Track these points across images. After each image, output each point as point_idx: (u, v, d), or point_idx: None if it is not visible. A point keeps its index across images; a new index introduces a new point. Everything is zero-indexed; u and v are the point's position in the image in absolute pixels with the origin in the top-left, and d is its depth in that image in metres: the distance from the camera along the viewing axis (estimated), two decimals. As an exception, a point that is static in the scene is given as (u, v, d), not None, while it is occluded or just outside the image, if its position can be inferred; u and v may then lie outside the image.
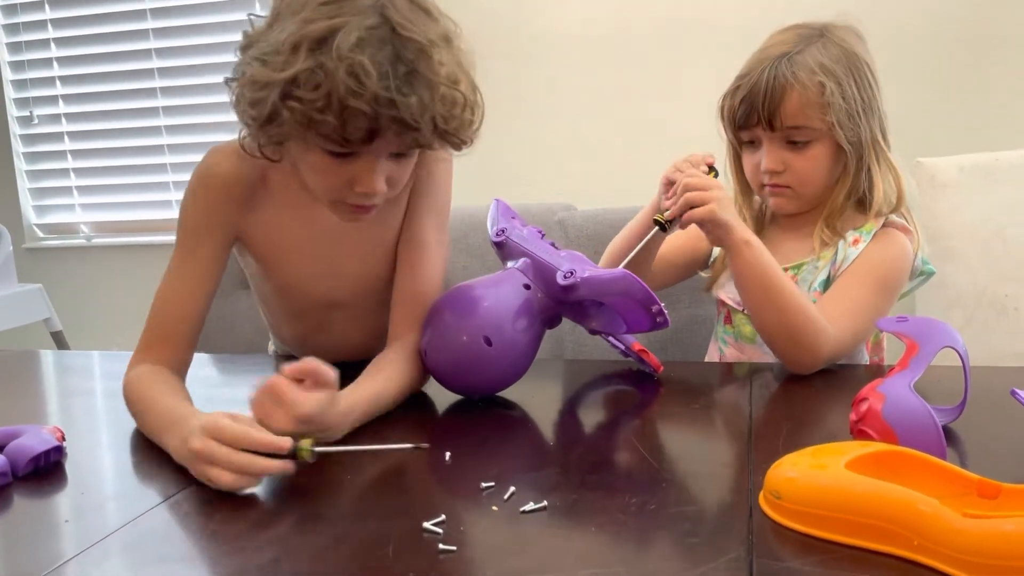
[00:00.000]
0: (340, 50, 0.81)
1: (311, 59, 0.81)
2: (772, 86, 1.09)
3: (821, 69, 1.09)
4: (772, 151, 1.13)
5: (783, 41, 1.13)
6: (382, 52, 0.82)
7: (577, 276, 0.93)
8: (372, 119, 0.83)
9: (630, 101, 2.09)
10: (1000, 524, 0.54)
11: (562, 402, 1.03)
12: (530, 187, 2.15)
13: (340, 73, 0.80)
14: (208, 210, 1.01)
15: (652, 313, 0.93)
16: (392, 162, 0.92)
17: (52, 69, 2.62)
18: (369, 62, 0.81)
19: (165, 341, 1.00)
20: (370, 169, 0.90)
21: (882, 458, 0.65)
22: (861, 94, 1.11)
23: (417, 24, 0.85)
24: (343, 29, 0.81)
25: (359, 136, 0.85)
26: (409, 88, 0.83)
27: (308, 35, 0.82)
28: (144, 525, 0.70)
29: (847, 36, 1.14)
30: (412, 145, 0.90)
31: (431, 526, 0.65)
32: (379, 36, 0.83)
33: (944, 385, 0.87)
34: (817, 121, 1.10)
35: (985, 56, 1.87)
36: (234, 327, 1.77)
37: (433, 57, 0.85)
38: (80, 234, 2.73)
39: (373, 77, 0.81)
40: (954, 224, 1.75)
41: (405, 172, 0.96)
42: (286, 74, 0.82)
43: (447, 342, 0.94)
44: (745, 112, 1.12)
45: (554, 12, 2.11)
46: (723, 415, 0.95)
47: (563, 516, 0.67)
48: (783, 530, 0.63)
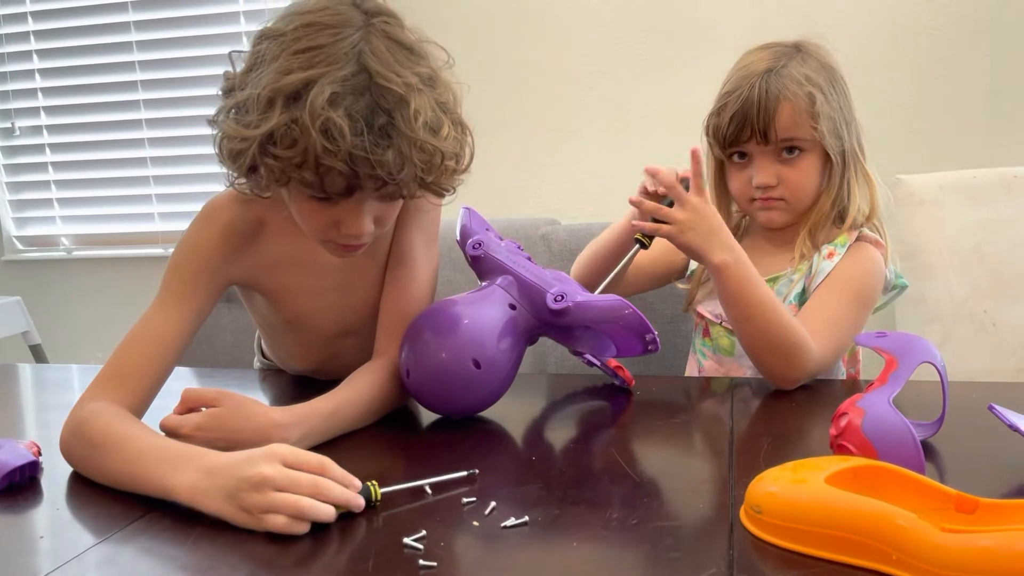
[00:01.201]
0: (314, 106, 0.79)
1: (286, 114, 0.80)
2: (765, 99, 1.11)
3: (808, 80, 1.11)
4: (764, 165, 1.14)
5: (762, 58, 1.15)
6: (358, 104, 0.80)
7: (568, 300, 0.92)
8: (349, 176, 0.82)
9: (614, 116, 2.10)
10: (977, 539, 0.54)
11: (544, 417, 1.03)
12: (513, 202, 2.16)
13: (314, 130, 0.79)
14: (205, 261, 0.98)
15: (645, 341, 0.93)
16: (379, 203, 0.91)
17: (34, 81, 2.61)
18: (344, 118, 0.79)
19: (127, 382, 0.92)
20: (355, 212, 0.89)
21: (861, 473, 0.66)
22: (842, 105, 1.14)
23: (397, 69, 0.83)
24: (318, 82, 0.80)
25: (337, 190, 0.85)
26: (387, 142, 0.81)
27: (282, 89, 0.81)
28: (120, 542, 0.70)
29: (820, 50, 1.17)
30: (394, 196, 0.89)
31: (411, 541, 0.65)
32: (355, 87, 0.81)
33: (923, 400, 0.88)
34: (808, 132, 1.12)
35: (964, 75, 1.89)
36: (216, 340, 1.76)
37: (412, 105, 0.82)
38: (61, 246, 2.71)
39: (347, 135, 0.79)
40: (933, 240, 1.77)
41: (393, 211, 0.95)
42: (261, 131, 0.81)
43: (431, 363, 0.92)
44: (737, 128, 1.13)
45: (536, 30, 2.12)
46: (704, 430, 0.96)
47: (544, 531, 0.67)
48: (764, 545, 0.63)
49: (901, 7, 1.90)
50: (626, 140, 2.08)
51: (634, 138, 2.07)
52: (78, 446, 0.85)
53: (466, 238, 1.01)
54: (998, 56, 1.87)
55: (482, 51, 2.14)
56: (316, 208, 0.89)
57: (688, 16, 2.02)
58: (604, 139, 2.11)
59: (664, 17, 2.04)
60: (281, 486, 0.68)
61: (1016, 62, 1.87)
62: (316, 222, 0.91)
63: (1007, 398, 0.81)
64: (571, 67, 2.11)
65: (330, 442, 0.89)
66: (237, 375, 1.35)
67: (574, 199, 2.14)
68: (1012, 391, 1.11)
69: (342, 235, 0.91)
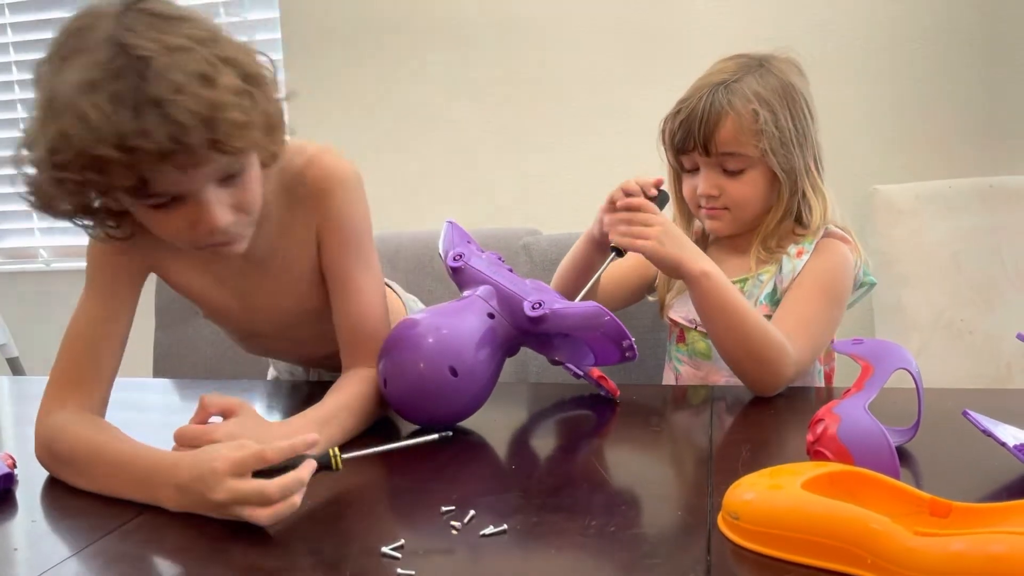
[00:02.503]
0: (63, 101, 0.74)
1: (49, 122, 0.75)
2: (708, 112, 1.12)
3: (756, 98, 1.12)
4: (708, 176, 1.16)
5: (723, 69, 1.17)
6: (117, 83, 0.73)
7: (546, 308, 0.93)
8: (129, 161, 0.74)
9: (594, 125, 2.11)
10: (950, 542, 0.55)
11: (523, 426, 1.03)
12: (495, 212, 2.16)
13: (79, 130, 0.73)
14: (119, 254, 0.96)
15: (622, 348, 0.93)
16: (225, 189, 0.83)
17: (12, 92, 2.59)
18: (94, 104, 0.73)
19: (83, 383, 0.93)
20: (202, 206, 0.82)
21: (837, 478, 0.66)
22: (795, 124, 1.14)
23: (155, 35, 0.75)
24: (67, 74, 0.74)
25: (131, 184, 0.77)
26: (155, 115, 0.73)
27: (42, 98, 0.77)
28: (97, 553, 0.69)
29: (786, 68, 1.18)
30: (194, 164, 0.78)
31: (389, 550, 0.65)
32: (106, 69, 0.74)
33: (898, 407, 0.88)
34: (750, 148, 1.13)
35: (940, 87, 1.92)
36: (195, 352, 1.76)
37: (174, 63, 0.74)
38: (39, 259, 2.69)
39: (109, 118, 0.72)
40: (911, 250, 1.79)
41: (249, 192, 0.86)
42: (37, 153, 0.76)
43: (409, 372, 0.91)
44: (683, 137, 1.15)
45: (517, 41, 2.13)
46: (683, 437, 0.96)
47: (523, 539, 0.67)
48: (741, 551, 0.63)
49: (879, 19, 1.93)
50: (606, 149, 2.09)
51: (614, 147, 2.08)
52: (53, 464, 0.87)
53: (447, 251, 1.02)
54: (974, 68, 1.90)
55: (463, 62, 2.15)
56: (160, 217, 0.83)
57: (669, 25, 2.04)
58: (584, 148, 2.12)
59: (644, 27, 2.06)
60: (238, 505, 0.70)
61: (991, 74, 1.89)
62: (171, 230, 0.85)
63: (981, 404, 0.82)
64: (551, 77, 2.12)
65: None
66: (216, 386, 1.34)
67: (555, 208, 2.15)
68: (986, 397, 1.12)
69: (205, 234, 0.84)
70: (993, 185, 1.79)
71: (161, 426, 1.12)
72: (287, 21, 2.29)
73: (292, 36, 2.28)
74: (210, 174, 0.81)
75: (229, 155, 0.79)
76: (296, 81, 2.30)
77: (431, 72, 2.09)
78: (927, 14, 1.91)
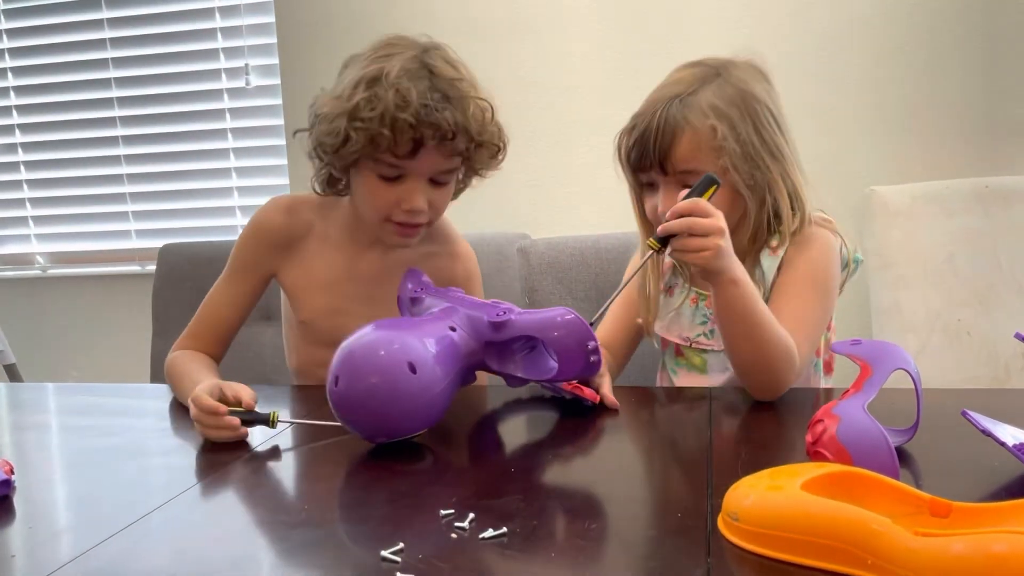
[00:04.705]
0: (388, 80, 1.06)
1: (368, 91, 1.07)
2: (663, 129, 1.07)
3: (714, 111, 1.06)
4: (668, 195, 1.09)
5: (679, 80, 1.11)
6: (421, 83, 1.07)
7: (510, 314, 0.93)
8: (415, 129, 1.06)
9: (584, 131, 2.11)
10: (951, 542, 0.55)
11: (522, 428, 1.03)
12: (482, 216, 2.16)
13: (389, 96, 1.05)
14: (253, 253, 1.25)
15: (587, 351, 0.91)
16: (432, 188, 1.13)
17: (9, 98, 2.59)
18: (411, 87, 1.06)
19: (204, 336, 1.24)
20: (414, 189, 1.12)
21: (837, 479, 0.66)
22: (759, 135, 1.08)
23: (448, 68, 1.10)
24: (390, 66, 1.07)
25: (407, 148, 1.07)
26: (444, 105, 1.07)
27: (365, 76, 1.08)
28: (94, 559, 0.69)
29: (746, 75, 1.11)
30: (451, 154, 1.10)
31: (389, 554, 0.65)
32: (417, 73, 1.08)
33: (898, 407, 0.88)
34: (710, 164, 1.06)
35: (936, 87, 1.92)
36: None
37: (462, 87, 1.09)
38: (36, 265, 2.69)
39: (414, 97, 1.05)
40: (907, 251, 1.79)
41: (444, 197, 1.16)
42: (351, 103, 1.07)
43: (365, 365, 0.85)
44: (638, 154, 1.10)
45: (511, 45, 2.13)
46: (682, 439, 0.96)
47: (523, 542, 0.67)
48: (741, 552, 0.63)
49: (876, 21, 1.93)
50: (595, 155, 2.09)
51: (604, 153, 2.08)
52: (168, 379, 1.20)
53: (405, 291, 1.06)
54: (970, 69, 1.91)
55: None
56: (381, 187, 1.12)
57: (662, 32, 2.04)
58: (573, 154, 2.12)
59: (637, 31, 2.06)
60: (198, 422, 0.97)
61: (987, 75, 1.90)
62: (379, 200, 1.13)
63: (980, 404, 0.82)
64: (544, 81, 2.12)
65: (305, 453, 0.88)
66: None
67: (544, 214, 2.15)
68: (985, 397, 1.12)
69: (402, 212, 1.12)
70: (989, 186, 1.80)
71: (158, 432, 1.12)
72: (283, 25, 2.29)
73: (288, 40, 2.28)
74: (440, 168, 1.12)
75: (471, 161, 1.14)
76: (292, 85, 2.30)
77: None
78: (924, 16, 1.91)
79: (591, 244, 1.57)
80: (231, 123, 2.44)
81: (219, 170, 2.48)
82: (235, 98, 2.41)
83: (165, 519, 0.76)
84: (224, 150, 2.46)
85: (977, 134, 1.92)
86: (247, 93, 2.38)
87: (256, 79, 2.36)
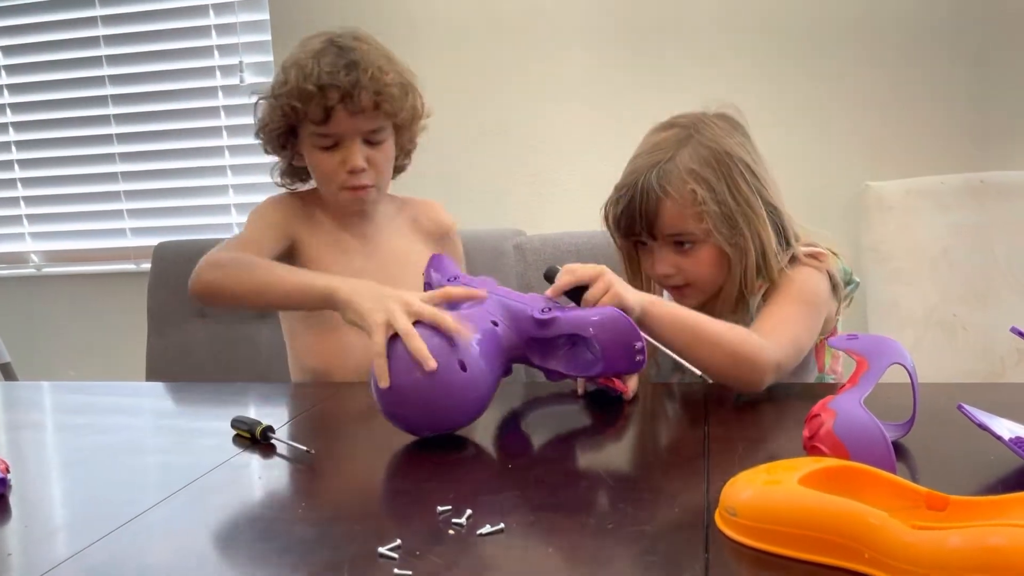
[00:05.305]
0: (297, 61, 1.26)
1: (283, 75, 1.27)
2: (647, 199, 1.10)
3: (692, 176, 1.09)
4: (662, 257, 1.14)
5: (656, 145, 1.13)
6: (326, 57, 1.24)
7: (556, 311, 0.92)
8: (323, 95, 1.22)
9: (579, 127, 2.11)
10: (948, 536, 0.55)
11: (519, 424, 1.03)
12: (475, 212, 2.16)
13: (293, 73, 1.24)
14: (274, 214, 1.33)
15: (634, 350, 0.92)
16: (369, 148, 1.28)
17: (3, 96, 2.58)
18: (314, 60, 1.23)
19: (248, 247, 1.26)
20: (350, 149, 1.26)
21: (834, 473, 0.66)
22: (734, 196, 1.10)
23: (353, 42, 1.26)
24: (301, 50, 1.27)
25: (319, 115, 1.23)
26: (346, 71, 1.22)
27: (283, 65, 1.28)
28: (91, 557, 0.68)
29: (719, 131, 1.13)
30: (362, 111, 1.23)
31: (386, 551, 0.64)
32: (324, 49, 1.25)
33: (894, 401, 0.88)
34: (695, 227, 1.10)
35: (931, 82, 1.93)
36: (188, 356, 1.75)
37: (364, 52, 1.25)
38: (30, 263, 2.68)
39: (316, 68, 1.22)
40: (903, 246, 1.79)
41: (383, 156, 1.30)
42: (269, 90, 1.28)
43: (415, 367, 0.86)
44: (627, 224, 1.14)
45: (504, 42, 2.13)
46: (679, 433, 0.96)
47: (520, 538, 0.67)
48: (739, 547, 0.63)
49: (870, 16, 1.93)
50: (590, 151, 2.09)
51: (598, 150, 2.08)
52: (212, 269, 1.20)
53: (435, 277, 1.03)
54: (965, 64, 1.91)
55: (449, 63, 2.14)
56: (323, 156, 1.28)
57: (660, 29, 2.04)
58: (568, 150, 2.12)
59: (632, 30, 2.06)
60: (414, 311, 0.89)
61: (982, 70, 1.90)
62: (326, 167, 1.28)
63: (976, 398, 0.82)
64: (537, 78, 2.12)
65: (301, 451, 0.88)
66: (210, 389, 1.34)
67: (538, 210, 2.14)
68: (980, 391, 1.12)
69: (347, 173, 1.27)
70: (984, 181, 1.80)
71: (154, 430, 1.12)
72: (277, 24, 2.28)
73: (282, 38, 2.27)
74: (363, 128, 1.26)
75: (382, 113, 1.25)
76: (287, 83, 2.29)
77: (418, 72, 2.09)
78: (918, 11, 1.91)
79: (586, 240, 1.57)
80: (226, 120, 2.43)
81: (214, 168, 2.47)
82: (230, 96, 2.40)
83: (161, 517, 0.75)
84: (219, 148, 2.45)
85: (972, 129, 1.92)
86: (242, 90, 2.38)
87: (250, 76, 2.35)
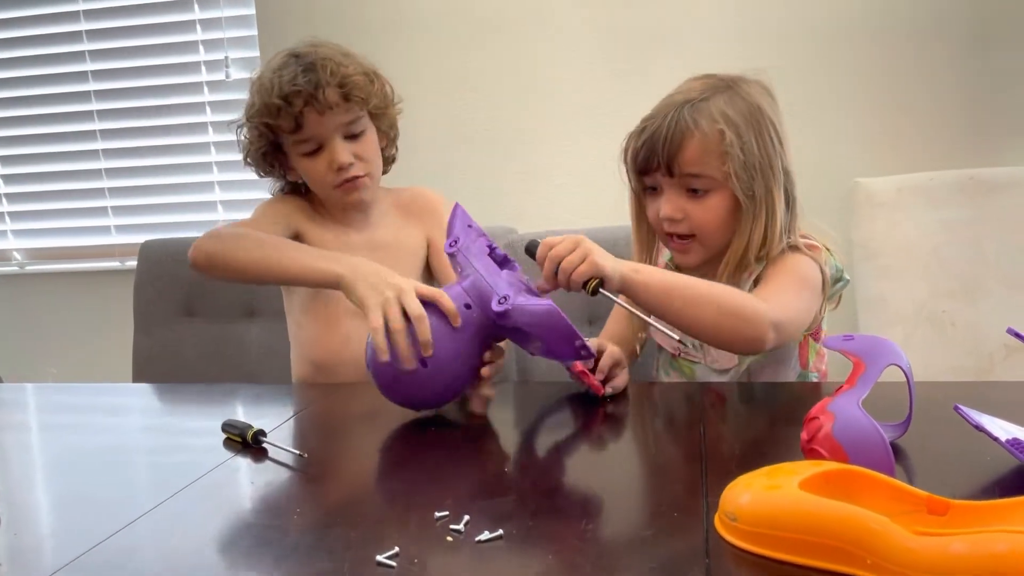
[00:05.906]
0: (259, 80, 1.28)
1: (251, 98, 1.29)
2: (673, 131, 1.09)
3: (723, 118, 1.09)
4: (671, 198, 1.12)
5: (691, 88, 1.13)
6: (287, 69, 1.25)
7: (510, 303, 0.93)
8: (288, 104, 1.24)
9: (573, 125, 2.10)
10: (951, 542, 0.55)
11: (516, 428, 1.02)
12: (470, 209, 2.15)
13: (259, 92, 1.27)
14: (280, 206, 1.36)
15: (575, 347, 0.93)
16: (352, 142, 1.29)
17: None
18: (275, 75, 1.25)
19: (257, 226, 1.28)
20: (333, 148, 1.27)
21: (834, 477, 0.66)
22: (760, 150, 1.10)
23: (309, 48, 1.28)
24: (263, 70, 1.29)
25: (291, 124, 1.25)
26: (305, 74, 1.24)
27: (250, 90, 1.30)
28: (83, 566, 0.67)
29: (755, 91, 1.14)
30: (331, 108, 1.24)
31: (384, 559, 0.64)
32: (284, 62, 1.27)
33: (888, 401, 0.88)
34: (715, 170, 1.09)
35: (921, 79, 1.93)
36: (175, 356, 1.74)
37: (320, 52, 1.26)
38: (12, 261, 2.64)
39: (276, 81, 1.25)
40: (892, 243, 1.80)
41: (367, 146, 1.31)
42: (246, 115, 1.29)
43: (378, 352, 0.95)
44: (646, 156, 1.12)
45: (497, 38, 2.12)
46: (676, 437, 0.95)
47: (519, 544, 0.66)
48: (739, 552, 0.63)
49: (860, 13, 1.93)
50: (585, 149, 2.09)
51: (592, 147, 2.08)
52: (212, 243, 1.22)
53: (447, 235, 1.04)
54: (955, 61, 1.91)
55: (441, 60, 2.13)
56: (310, 162, 1.29)
57: (649, 24, 2.03)
58: (562, 147, 2.11)
59: (625, 25, 2.05)
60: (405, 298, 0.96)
61: (972, 67, 1.90)
62: (316, 172, 1.30)
63: (970, 397, 0.82)
64: (533, 75, 2.11)
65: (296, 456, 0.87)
66: (198, 390, 1.33)
67: (531, 208, 2.13)
68: (974, 390, 1.13)
69: (336, 171, 1.28)
70: (974, 177, 1.80)
71: (141, 430, 1.10)
72: (263, 18, 2.26)
73: (268, 33, 2.25)
74: (339, 125, 1.27)
75: (353, 105, 1.26)
76: (274, 79, 2.27)
77: (408, 70, 2.08)
78: (909, 7, 1.91)
79: (580, 237, 1.56)
80: (211, 116, 2.40)
81: (200, 164, 2.44)
82: (215, 91, 2.38)
83: (154, 524, 0.74)
84: (205, 144, 2.42)
85: (962, 126, 1.92)
86: (227, 86, 2.35)
87: (236, 72, 2.33)
